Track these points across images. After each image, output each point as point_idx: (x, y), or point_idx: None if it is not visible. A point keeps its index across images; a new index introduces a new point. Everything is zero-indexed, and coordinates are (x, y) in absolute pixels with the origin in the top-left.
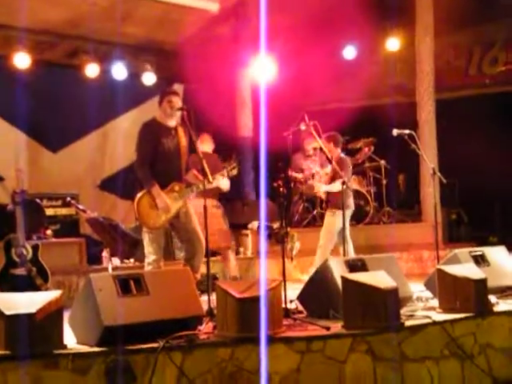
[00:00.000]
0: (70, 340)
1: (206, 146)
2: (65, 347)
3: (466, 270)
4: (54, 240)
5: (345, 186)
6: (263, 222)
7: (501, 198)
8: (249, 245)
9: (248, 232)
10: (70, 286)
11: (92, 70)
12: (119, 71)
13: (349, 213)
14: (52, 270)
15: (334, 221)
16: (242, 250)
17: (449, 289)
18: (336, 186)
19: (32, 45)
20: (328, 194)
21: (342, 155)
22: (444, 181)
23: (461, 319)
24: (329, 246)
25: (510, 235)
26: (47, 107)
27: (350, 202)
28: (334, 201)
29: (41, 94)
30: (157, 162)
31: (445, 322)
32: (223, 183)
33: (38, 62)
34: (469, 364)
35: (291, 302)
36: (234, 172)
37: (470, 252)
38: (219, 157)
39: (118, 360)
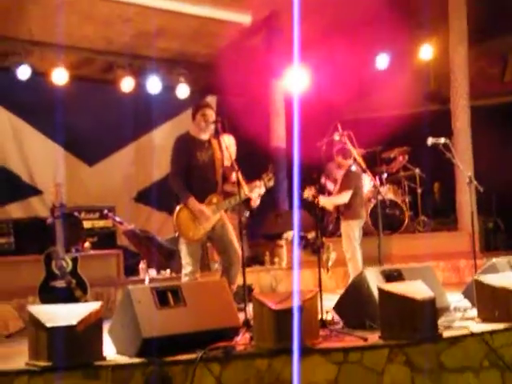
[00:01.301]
0: (110, 351)
1: None
2: (104, 358)
3: (505, 279)
4: (92, 252)
5: (347, 198)
6: (297, 233)
7: None
8: (283, 255)
9: (282, 243)
10: (108, 298)
11: (127, 85)
12: (153, 85)
13: (360, 223)
14: (90, 281)
15: (352, 230)
16: (276, 260)
17: (487, 299)
18: (338, 199)
19: (69, 61)
20: (339, 205)
21: (353, 168)
22: (481, 189)
23: (500, 330)
24: (357, 256)
25: None
26: (84, 122)
27: (362, 212)
28: (344, 212)
29: (78, 109)
30: (192, 176)
31: (484, 332)
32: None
33: (74, 77)
34: (509, 375)
35: (327, 312)
36: (271, 183)
37: (509, 261)
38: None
39: (157, 371)
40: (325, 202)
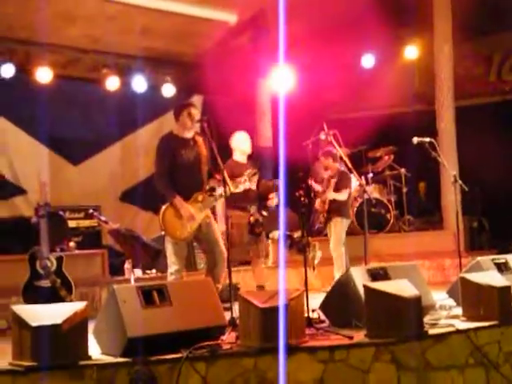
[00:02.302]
0: (95, 351)
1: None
2: (90, 358)
3: (489, 277)
4: (76, 252)
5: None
6: (283, 232)
7: None
8: (269, 254)
9: (268, 242)
10: (93, 297)
11: (112, 84)
12: (139, 84)
13: (348, 223)
14: (75, 281)
15: (344, 228)
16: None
17: (472, 297)
18: (342, 195)
19: (53, 60)
20: (332, 203)
21: (343, 169)
22: (466, 188)
23: (485, 327)
24: (344, 255)
25: None
26: (68, 121)
27: (350, 212)
28: (339, 210)
29: (62, 108)
30: (178, 174)
31: (469, 330)
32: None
33: (59, 76)
34: (494, 373)
35: (313, 311)
36: (255, 178)
37: (493, 259)
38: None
39: (143, 371)
40: (334, 196)
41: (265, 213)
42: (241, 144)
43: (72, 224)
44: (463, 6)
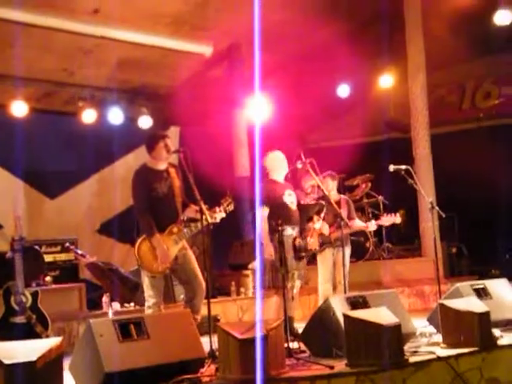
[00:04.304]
0: None
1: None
2: None
3: (469, 303)
4: (53, 286)
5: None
6: (259, 262)
7: (500, 229)
8: (249, 285)
9: (248, 272)
10: (70, 333)
11: (89, 116)
12: (116, 116)
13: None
14: (52, 316)
15: (326, 256)
16: (242, 290)
17: (452, 323)
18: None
19: (29, 93)
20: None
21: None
22: (443, 215)
23: (465, 354)
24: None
25: (510, 267)
26: (45, 154)
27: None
28: (346, 239)
29: (38, 142)
30: (152, 207)
31: (449, 357)
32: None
33: (35, 110)
34: None
35: (294, 341)
36: (231, 207)
37: (472, 285)
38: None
39: None
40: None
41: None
42: (277, 163)
43: (48, 258)
44: (436, 35)
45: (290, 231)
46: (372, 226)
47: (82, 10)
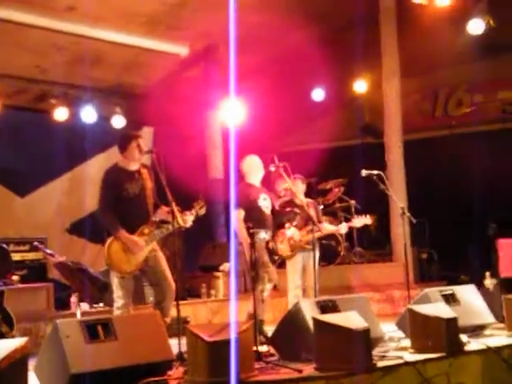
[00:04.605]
0: None
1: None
2: None
3: (437, 309)
4: (20, 285)
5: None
6: (233, 264)
7: (471, 236)
8: (220, 287)
9: (219, 274)
10: (37, 333)
11: (61, 114)
12: (88, 115)
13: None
14: (19, 316)
15: (296, 261)
16: (213, 292)
17: (420, 328)
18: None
19: (0, 89)
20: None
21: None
22: (414, 220)
23: (433, 359)
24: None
25: (479, 273)
26: (15, 152)
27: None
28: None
29: (8, 139)
30: (123, 208)
31: (417, 362)
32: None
33: (5, 106)
34: None
35: (263, 344)
36: (202, 211)
37: (441, 291)
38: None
39: None
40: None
41: None
42: (254, 167)
43: (16, 257)
44: (409, 42)
45: (263, 235)
46: (343, 228)
47: (58, 7)
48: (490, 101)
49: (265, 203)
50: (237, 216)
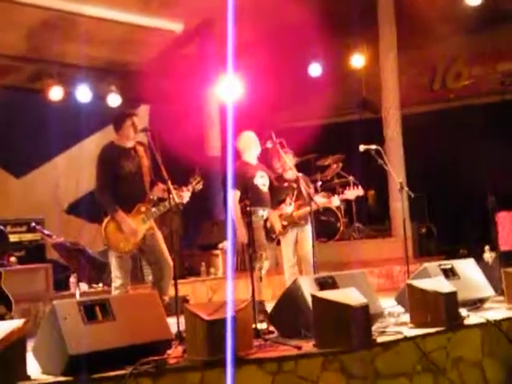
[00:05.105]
0: (35, 370)
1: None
2: (28, 378)
3: (436, 283)
4: (18, 267)
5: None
6: (230, 242)
7: (469, 210)
8: (219, 265)
9: (218, 252)
10: (36, 314)
11: (56, 94)
12: (84, 94)
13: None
14: (17, 297)
15: (289, 237)
16: (212, 270)
17: (419, 303)
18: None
19: None
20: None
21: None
22: (412, 195)
23: (432, 334)
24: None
25: (478, 247)
26: (10, 132)
27: None
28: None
29: (3, 119)
30: (119, 186)
31: (416, 337)
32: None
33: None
34: (442, 379)
35: (262, 322)
36: (199, 186)
37: (440, 265)
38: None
39: None
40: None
41: None
42: (249, 144)
43: (14, 238)
44: (407, 15)
45: (261, 212)
46: (335, 201)
47: None
48: (490, 73)
49: (261, 181)
50: (232, 197)
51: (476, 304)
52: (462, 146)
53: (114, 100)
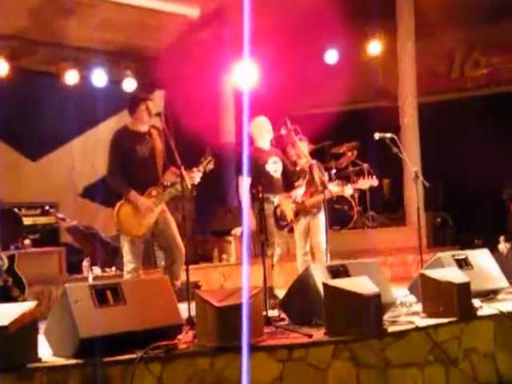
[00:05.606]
0: (46, 352)
1: None
2: (39, 360)
3: (449, 273)
4: (32, 250)
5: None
6: (246, 229)
7: (485, 200)
8: (232, 252)
9: (231, 239)
10: (49, 296)
11: (71, 77)
12: (99, 78)
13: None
14: (31, 280)
15: (301, 225)
16: (225, 256)
17: (432, 293)
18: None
19: (8, 51)
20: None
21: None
22: (427, 184)
23: (444, 324)
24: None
25: (493, 238)
26: (26, 115)
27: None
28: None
29: (19, 102)
30: (132, 169)
31: (428, 327)
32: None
33: (16, 69)
34: (453, 369)
35: (273, 309)
36: (210, 166)
37: (453, 256)
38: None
39: (95, 372)
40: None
41: None
42: (262, 129)
43: (28, 221)
44: (425, 3)
45: (272, 199)
46: (348, 189)
47: None
48: (508, 62)
49: (273, 167)
50: (242, 183)
51: (489, 295)
52: (478, 135)
53: (129, 84)
